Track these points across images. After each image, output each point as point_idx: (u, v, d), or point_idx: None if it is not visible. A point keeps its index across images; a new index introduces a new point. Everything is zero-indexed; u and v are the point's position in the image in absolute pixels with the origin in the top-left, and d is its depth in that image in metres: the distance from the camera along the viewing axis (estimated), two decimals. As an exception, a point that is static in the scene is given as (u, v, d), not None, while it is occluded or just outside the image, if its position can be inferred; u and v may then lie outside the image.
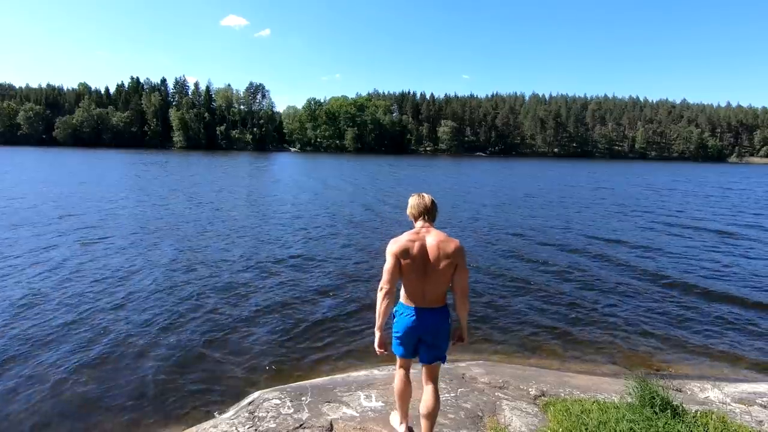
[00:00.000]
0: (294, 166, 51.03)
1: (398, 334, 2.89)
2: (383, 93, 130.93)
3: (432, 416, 2.93)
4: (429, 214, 2.90)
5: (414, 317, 2.79)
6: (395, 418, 3.31)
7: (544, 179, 38.40)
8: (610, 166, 70.27)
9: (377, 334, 2.80)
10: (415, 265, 2.73)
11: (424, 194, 2.97)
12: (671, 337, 6.39)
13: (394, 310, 2.88)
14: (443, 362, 2.98)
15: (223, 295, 7.51)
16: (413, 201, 2.96)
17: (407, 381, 3.05)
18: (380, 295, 2.72)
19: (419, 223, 2.89)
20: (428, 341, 2.85)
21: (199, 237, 12.01)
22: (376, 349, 2.82)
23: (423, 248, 2.75)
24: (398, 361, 3.02)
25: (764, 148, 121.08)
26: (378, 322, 2.77)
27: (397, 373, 3.05)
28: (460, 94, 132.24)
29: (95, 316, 6.46)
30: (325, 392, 4.10)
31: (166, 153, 74.79)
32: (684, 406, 3.44)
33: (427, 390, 2.95)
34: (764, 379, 5.27)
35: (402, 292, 2.86)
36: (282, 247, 11.09)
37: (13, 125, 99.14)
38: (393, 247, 2.76)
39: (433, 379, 2.95)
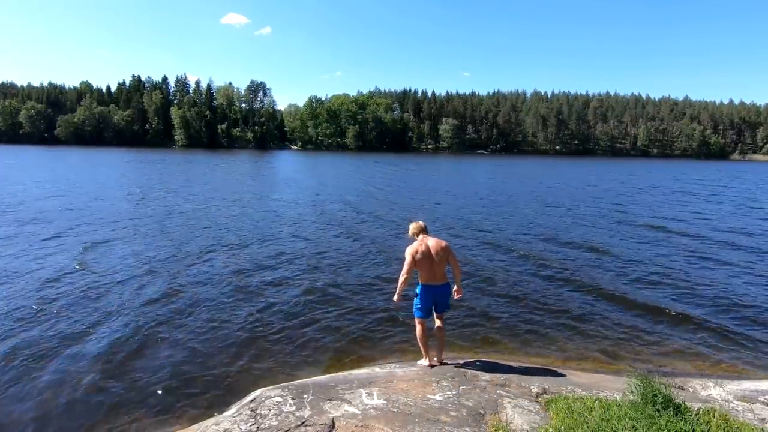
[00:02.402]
0: (297, 165, 51.02)
1: (420, 305, 4.60)
2: (384, 91, 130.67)
3: (441, 339, 4.85)
4: (424, 230, 4.70)
5: (432, 290, 4.53)
6: (420, 361, 4.87)
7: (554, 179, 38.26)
8: (622, 164, 70.02)
9: (397, 296, 4.55)
10: (425, 259, 4.45)
11: (419, 221, 4.80)
12: (673, 334, 6.38)
13: (417, 290, 4.58)
14: (448, 309, 4.90)
15: (223, 294, 7.52)
16: (413, 225, 4.76)
17: (425, 330, 4.75)
18: (401, 278, 4.46)
19: (420, 237, 4.62)
20: (439, 302, 4.66)
21: (201, 236, 12.02)
22: (395, 299, 4.56)
23: (427, 248, 4.50)
24: (419, 321, 4.68)
25: (767, 146, 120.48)
26: (398, 290, 4.52)
27: (419, 327, 4.71)
28: (461, 92, 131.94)
29: (96, 314, 6.48)
30: (326, 390, 4.11)
31: (167, 151, 74.87)
32: (686, 403, 3.43)
33: (438, 326, 4.76)
34: (767, 376, 5.26)
35: (420, 277, 4.50)
36: (284, 247, 11.10)
37: (15, 124, 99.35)
38: (410, 250, 4.48)
39: (442, 319, 4.78)
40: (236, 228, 13.12)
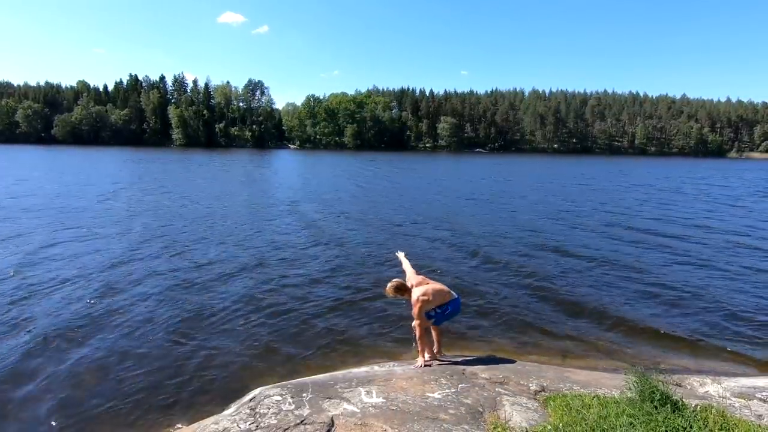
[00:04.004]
0: (294, 164, 50.98)
1: (447, 316, 4.90)
2: (383, 89, 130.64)
3: (439, 336, 5.22)
4: (405, 284, 4.77)
5: (458, 302, 4.93)
6: (420, 359, 4.86)
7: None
8: (618, 163, 70.17)
9: (426, 357, 4.88)
10: (438, 288, 4.78)
11: (395, 279, 4.82)
12: (671, 332, 6.40)
13: (446, 306, 4.80)
14: None
15: (223, 293, 7.51)
16: (395, 285, 4.69)
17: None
18: (420, 330, 4.66)
19: (409, 287, 4.76)
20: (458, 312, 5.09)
21: (201, 236, 12.00)
22: (424, 362, 4.80)
23: (429, 284, 4.79)
24: (427, 323, 4.79)
25: (764, 143, 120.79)
26: (420, 347, 4.81)
27: (421, 328, 4.70)
28: (459, 91, 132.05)
29: (96, 311, 6.48)
30: (325, 388, 4.11)
31: (164, 150, 74.68)
32: (684, 400, 3.45)
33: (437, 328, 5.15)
34: (763, 373, 5.29)
35: (445, 299, 4.77)
36: (282, 247, 11.09)
37: (11, 123, 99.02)
38: (422, 298, 4.57)
39: None
40: (226, 227, 13.11)
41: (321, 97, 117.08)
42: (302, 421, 3.48)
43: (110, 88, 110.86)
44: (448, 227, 13.78)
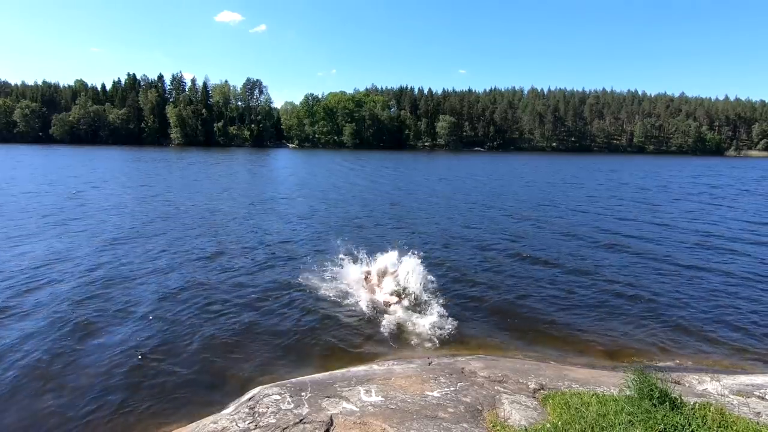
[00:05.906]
0: (292, 162, 50.88)
1: None
2: (381, 88, 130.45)
3: None
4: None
5: None
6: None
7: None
8: (614, 162, 70.16)
9: None
10: None
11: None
12: (669, 330, 6.42)
13: None
14: None
15: (222, 293, 7.50)
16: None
17: None
18: None
19: None
20: None
21: (200, 237, 11.98)
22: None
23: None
24: None
25: (762, 141, 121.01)
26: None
27: None
28: (457, 89, 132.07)
29: (96, 311, 6.46)
30: (324, 387, 4.11)
31: (162, 150, 74.46)
32: (682, 398, 3.45)
33: None
34: (761, 371, 5.30)
35: None
36: (280, 247, 11.09)
37: (9, 123, 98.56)
38: None
39: None
40: (243, 229, 13.08)
41: (319, 96, 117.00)
42: (301, 420, 3.48)
43: (108, 87, 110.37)
44: (442, 227, 13.78)
